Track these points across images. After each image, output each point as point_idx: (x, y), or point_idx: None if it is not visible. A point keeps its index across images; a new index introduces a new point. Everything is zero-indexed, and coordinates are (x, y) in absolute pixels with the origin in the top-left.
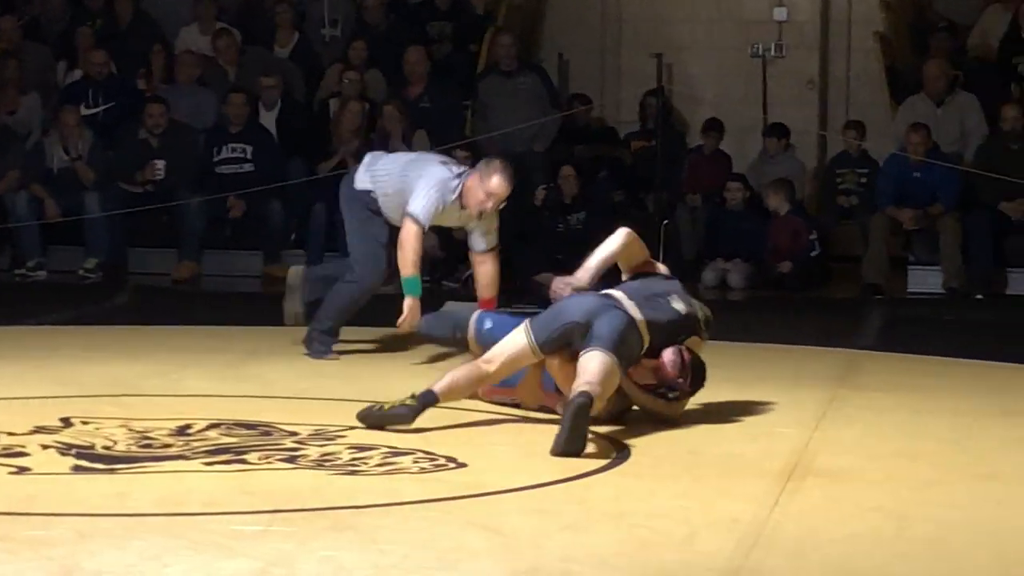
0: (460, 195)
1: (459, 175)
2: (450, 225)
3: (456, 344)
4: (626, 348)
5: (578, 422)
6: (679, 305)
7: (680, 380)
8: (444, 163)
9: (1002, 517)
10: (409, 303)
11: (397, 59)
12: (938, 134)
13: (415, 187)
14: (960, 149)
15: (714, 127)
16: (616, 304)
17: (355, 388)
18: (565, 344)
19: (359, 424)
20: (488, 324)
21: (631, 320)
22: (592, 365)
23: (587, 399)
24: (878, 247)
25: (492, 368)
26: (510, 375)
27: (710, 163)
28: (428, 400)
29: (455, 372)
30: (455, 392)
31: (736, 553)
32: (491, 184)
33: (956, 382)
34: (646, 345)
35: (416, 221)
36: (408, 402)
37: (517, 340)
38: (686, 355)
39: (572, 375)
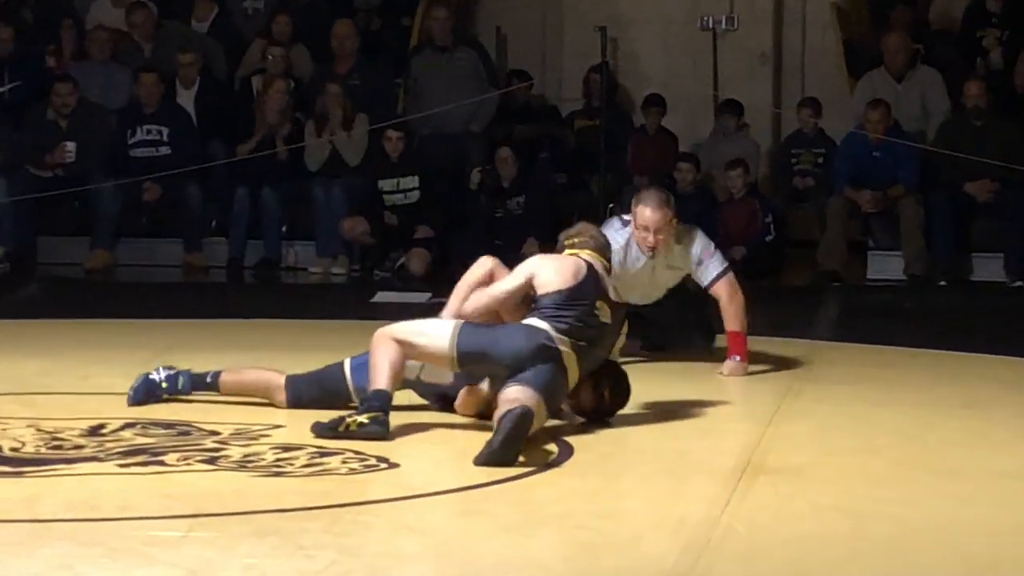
0: (629, 245)
1: (624, 226)
2: (651, 283)
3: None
4: (553, 399)
5: (517, 431)
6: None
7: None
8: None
9: (964, 515)
10: None
11: (324, 34)
12: (898, 111)
13: None
14: (922, 127)
15: (656, 103)
16: (547, 344)
17: None
18: (480, 369)
19: (283, 424)
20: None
21: (560, 368)
22: (522, 396)
23: (528, 411)
24: (835, 231)
25: (411, 351)
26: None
27: (654, 142)
28: (387, 402)
29: (386, 360)
30: (399, 379)
31: (684, 556)
32: (640, 218)
33: (917, 373)
34: (572, 384)
35: None
36: (371, 416)
37: (442, 335)
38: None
39: (472, 404)
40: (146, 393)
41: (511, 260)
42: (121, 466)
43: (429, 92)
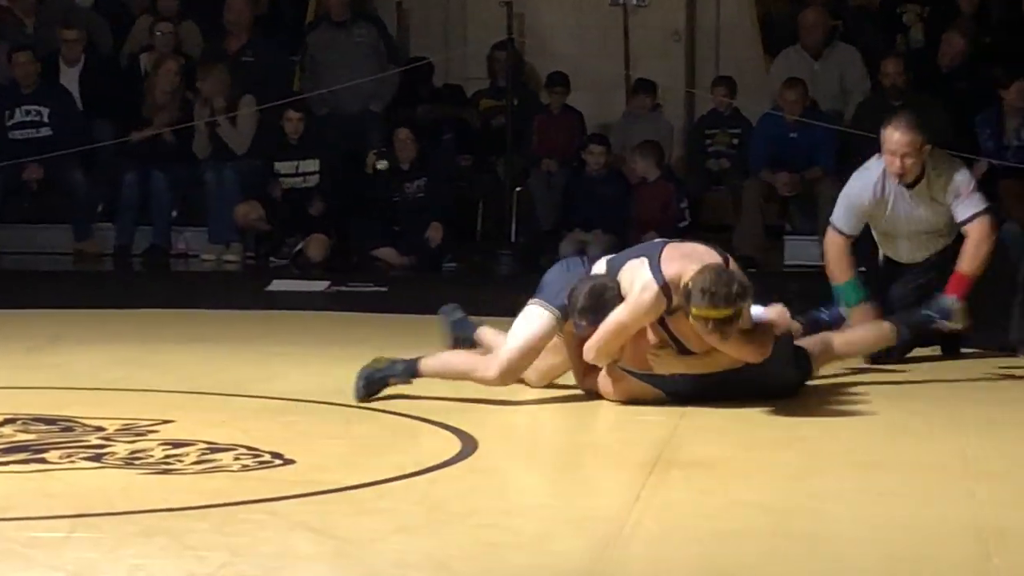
0: (885, 176)
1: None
2: (911, 221)
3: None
4: None
5: None
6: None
7: None
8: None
9: (885, 509)
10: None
11: (214, 8)
12: (816, 90)
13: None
14: (840, 107)
15: (559, 82)
16: None
17: (171, 378)
18: None
19: (172, 420)
20: None
21: None
22: None
23: None
24: (751, 215)
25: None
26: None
27: (560, 123)
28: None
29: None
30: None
31: (592, 554)
32: (887, 141)
33: (836, 363)
34: None
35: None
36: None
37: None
38: None
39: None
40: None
41: (413, 243)
42: (0, 464)
43: (326, 70)
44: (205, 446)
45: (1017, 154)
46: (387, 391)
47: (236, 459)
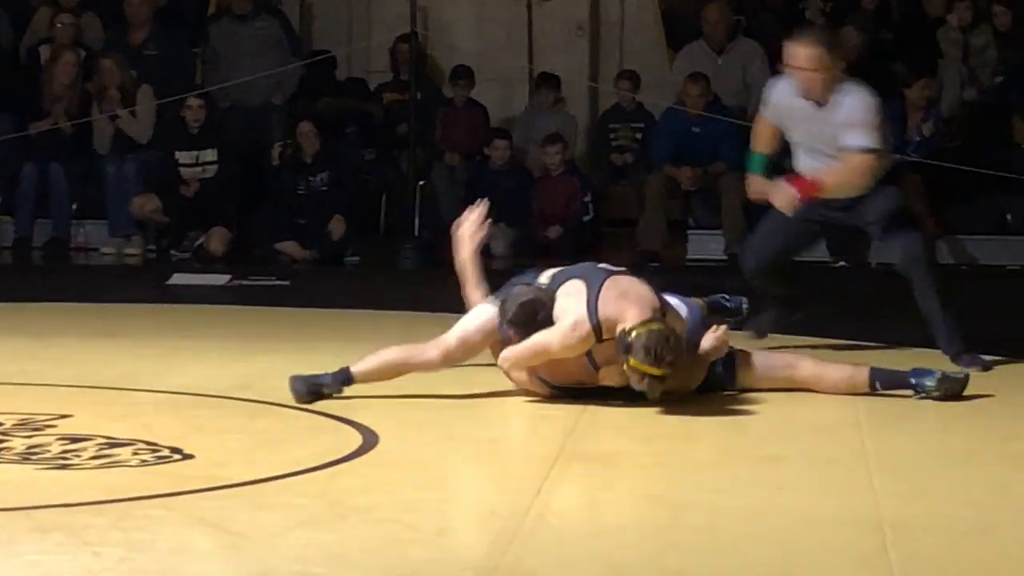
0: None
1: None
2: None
3: None
4: None
5: None
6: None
7: None
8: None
9: (784, 503)
10: None
11: (115, 1)
12: (719, 85)
13: None
14: (743, 101)
15: (463, 75)
16: None
17: (69, 372)
18: None
19: (70, 414)
20: None
21: None
22: None
23: None
24: (655, 210)
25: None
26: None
27: (464, 116)
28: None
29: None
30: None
31: (493, 549)
32: (789, 58)
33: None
34: None
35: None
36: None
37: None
38: None
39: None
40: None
41: (316, 237)
42: None
43: (228, 62)
44: (103, 441)
45: (918, 150)
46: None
47: (135, 454)
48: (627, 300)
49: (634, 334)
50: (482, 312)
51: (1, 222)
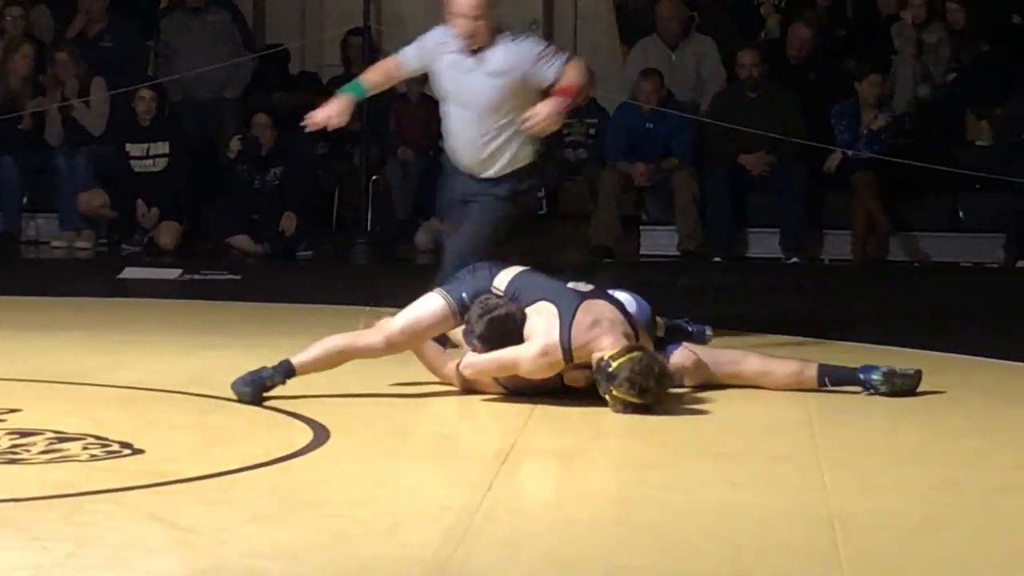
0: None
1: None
2: (471, 92)
3: None
4: None
5: None
6: None
7: None
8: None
9: (734, 500)
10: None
11: None
12: (672, 81)
13: None
14: (696, 97)
15: None
16: None
17: (19, 366)
18: None
19: (20, 408)
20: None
21: None
22: None
23: None
24: (608, 205)
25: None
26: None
27: (418, 111)
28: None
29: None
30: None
31: (443, 545)
32: (455, 5)
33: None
34: None
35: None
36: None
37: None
38: None
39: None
40: None
41: (268, 231)
42: None
43: (181, 55)
44: (53, 435)
45: (870, 146)
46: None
47: (84, 448)
48: (600, 328)
49: (616, 364)
50: (429, 302)
51: None
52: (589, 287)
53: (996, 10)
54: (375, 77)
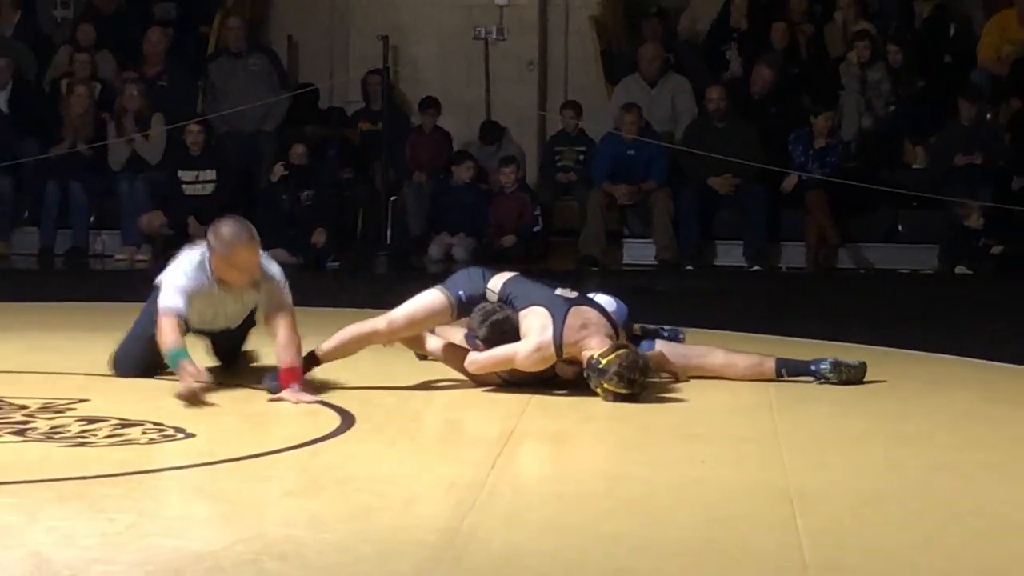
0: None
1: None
2: (219, 313)
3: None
4: None
5: None
6: None
7: None
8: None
9: (704, 475)
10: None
11: (126, 40)
12: (651, 113)
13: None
14: (671, 128)
15: (431, 105)
16: None
17: (87, 362)
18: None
19: (87, 399)
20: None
21: None
22: None
23: None
24: (595, 221)
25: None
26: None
27: (431, 141)
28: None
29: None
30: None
31: (454, 516)
32: (238, 259)
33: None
34: None
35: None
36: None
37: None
38: None
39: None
40: None
41: (303, 244)
42: None
43: (226, 94)
44: (116, 422)
45: (822, 170)
46: None
47: (144, 433)
48: (588, 330)
49: (605, 361)
50: (429, 296)
51: (28, 233)
52: (574, 293)
53: (930, 51)
54: (176, 334)
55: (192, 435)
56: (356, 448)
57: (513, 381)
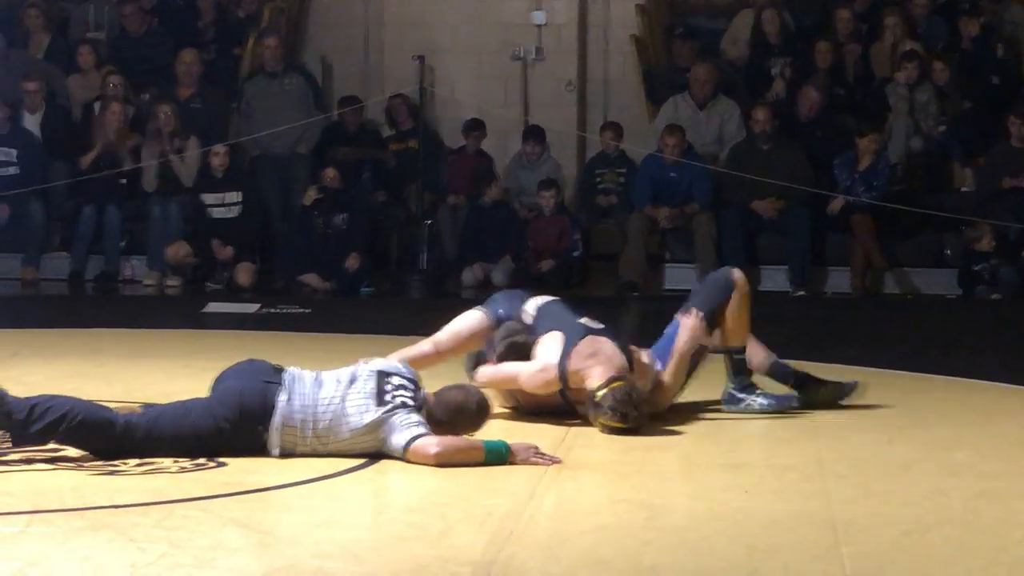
0: None
1: None
2: None
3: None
4: None
5: None
6: None
7: None
8: None
9: (747, 506)
10: None
11: (160, 63)
12: (697, 135)
13: None
14: (715, 150)
15: (476, 127)
16: None
17: (117, 388)
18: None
19: None
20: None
21: None
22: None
23: None
24: (635, 245)
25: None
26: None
27: (469, 163)
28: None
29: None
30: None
31: (490, 547)
32: None
33: (711, 375)
34: None
35: None
36: None
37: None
38: None
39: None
40: None
41: (334, 269)
42: None
43: (260, 115)
44: None
45: (868, 192)
46: None
47: (175, 462)
48: (595, 359)
49: (599, 395)
50: (470, 316)
51: (55, 258)
52: (600, 325)
53: (978, 70)
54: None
55: (223, 464)
56: (388, 478)
57: (530, 410)
